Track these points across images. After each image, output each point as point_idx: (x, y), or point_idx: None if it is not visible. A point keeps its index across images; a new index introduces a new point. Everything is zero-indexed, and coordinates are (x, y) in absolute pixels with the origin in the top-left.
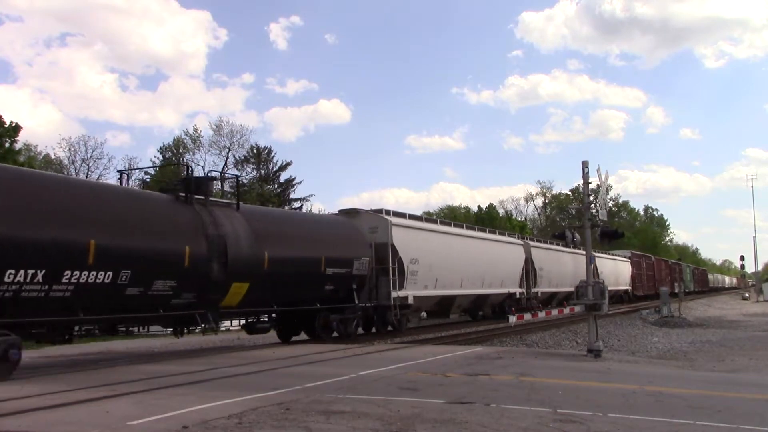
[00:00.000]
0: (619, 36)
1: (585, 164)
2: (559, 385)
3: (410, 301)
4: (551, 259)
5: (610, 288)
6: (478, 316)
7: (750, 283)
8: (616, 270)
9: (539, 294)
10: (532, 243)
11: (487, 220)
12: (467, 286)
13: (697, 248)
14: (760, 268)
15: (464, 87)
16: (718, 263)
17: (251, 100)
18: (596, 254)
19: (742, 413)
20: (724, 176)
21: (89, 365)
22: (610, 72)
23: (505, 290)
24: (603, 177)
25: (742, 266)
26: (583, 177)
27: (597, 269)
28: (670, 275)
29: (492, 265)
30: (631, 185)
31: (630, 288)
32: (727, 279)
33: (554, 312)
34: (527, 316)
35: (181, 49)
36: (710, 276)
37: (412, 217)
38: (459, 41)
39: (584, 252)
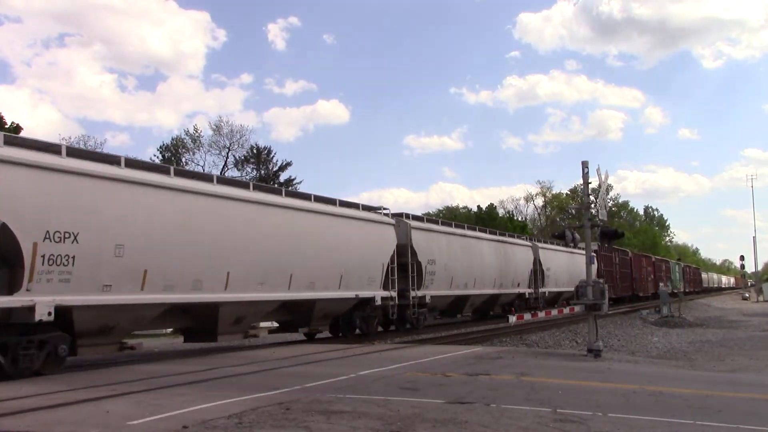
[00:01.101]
0: (616, 36)
1: (585, 164)
2: (559, 384)
3: (42, 316)
4: (452, 247)
5: (564, 289)
6: (313, 333)
7: (749, 283)
8: (574, 266)
9: (428, 298)
10: (413, 223)
11: (487, 220)
12: (242, 287)
13: (697, 248)
14: (760, 268)
15: (463, 87)
16: (718, 263)
17: (250, 100)
18: (541, 245)
19: (743, 413)
20: (723, 176)
21: (89, 365)
22: (608, 72)
23: (349, 294)
24: (603, 177)
25: (742, 266)
26: (583, 177)
27: (541, 264)
28: (653, 274)
29: (309, 253)
30: (630, 185)
31: None
32: (724, 278)
33: (554, 312)
34: (527, 316)
35: (180, 50)
36: (704, 275)
37: (77, 153)
38: (457, 42)
39: (510, 240)
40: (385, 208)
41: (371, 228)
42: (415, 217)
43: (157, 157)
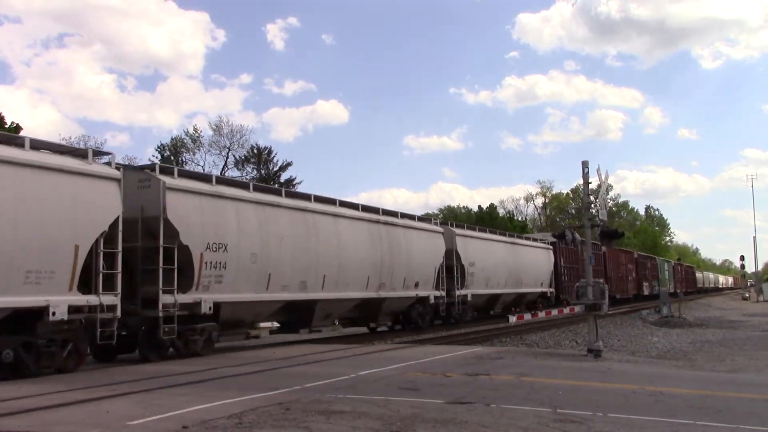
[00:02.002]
0: (615, 37)
1: (585, 164)
2: (560, 385)
3: None
4: (274, 227)
5: (502, 291)
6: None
7: (749, 283)
8: (516, 262)
9: (205, 307)
10: (176, 181)
11: (488, 220)
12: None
13: (697, 248)
14: (760, 268)
15: (462, 87)
16: (718, 263)
17: (249, 100)
18: (461, 231)
19: (742, 413)
20: (723, 176)
21: (89, 365)
22: (607, 72)
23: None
24: (603, 177)
25: (742, 266)
26: (583, 177)
27: (459, 258)
28: (635, 272)
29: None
30: (630, 185)
31: (552, 290)
32: (721, 278)
33: (554, 312)
34: (527, 316)
35: (180, 50)
36: (699, 275)
37: None
38: (456, 42)
39: (400, 221)
40: (104, 152)
41: (47, 181)
42: (185, 174)
43: (156, 158)
